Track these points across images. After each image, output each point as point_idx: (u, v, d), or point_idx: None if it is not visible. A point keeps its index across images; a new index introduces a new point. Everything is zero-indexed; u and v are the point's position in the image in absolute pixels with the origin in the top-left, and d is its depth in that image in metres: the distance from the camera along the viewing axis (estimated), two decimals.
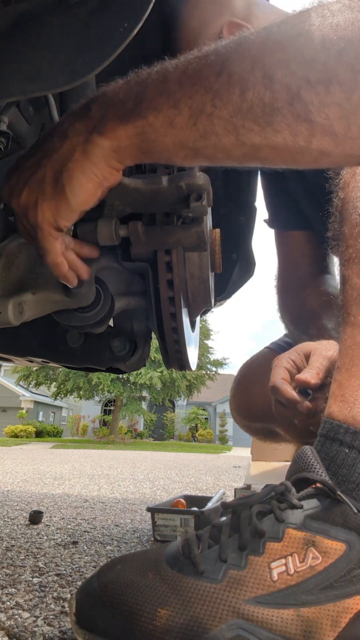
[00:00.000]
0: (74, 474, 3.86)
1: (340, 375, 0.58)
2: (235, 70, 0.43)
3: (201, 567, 0.50)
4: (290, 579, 0.48)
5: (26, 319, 0.67)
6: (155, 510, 1.29)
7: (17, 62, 0.49)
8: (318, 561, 0.49)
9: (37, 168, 0.51)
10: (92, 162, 0.50)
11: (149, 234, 0.64)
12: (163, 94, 0.46)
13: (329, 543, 0.49)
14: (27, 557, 1.05)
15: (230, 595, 0.48)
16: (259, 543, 0.50)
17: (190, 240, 0.65)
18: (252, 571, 0.49)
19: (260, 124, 0.43)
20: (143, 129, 0.47)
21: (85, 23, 0.49)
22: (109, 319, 0.74)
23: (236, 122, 0.44)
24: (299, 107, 0.42)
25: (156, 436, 27.10)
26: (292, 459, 0.57)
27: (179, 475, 4.12)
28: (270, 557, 0.50)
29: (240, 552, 0.51)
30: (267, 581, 0.49)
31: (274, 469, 1.96)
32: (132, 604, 0.49)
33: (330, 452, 0.55)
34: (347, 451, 0.54)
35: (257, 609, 0.48)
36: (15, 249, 0.67)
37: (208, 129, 0.45)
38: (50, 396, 23.62)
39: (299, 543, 0.50)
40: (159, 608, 0.48)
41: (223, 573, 0.50)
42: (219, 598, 0.48)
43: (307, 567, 0.49)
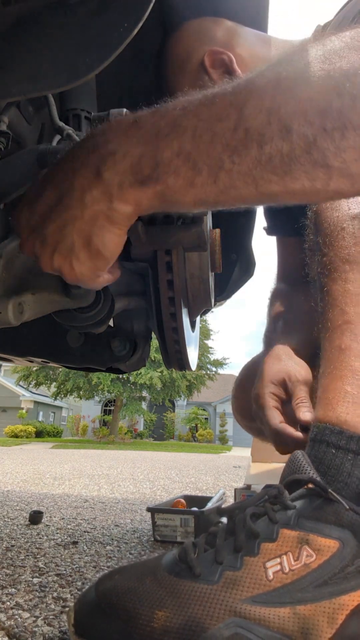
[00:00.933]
0: (74, 474, 3.86)
1: (324, 379, 0.60)
2: (252, 125, 0.43)
3: (197, 570, 0.51)
4: (286, 577, 0.49)
5: (26, 319, 0.67)
6: (155, 511, 1.29)
7: (17, 62, 0.49)
8: (312, 559, 0.49)
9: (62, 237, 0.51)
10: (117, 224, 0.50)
11: (149, 234, 0.64)
12: (179, 156, 0.45)
13: (322, 541, 0.50)
14: (27, 557, 1.05)
15: (227, 595, 0.49)
16: (253, 544, 0.51)
17: (190, 240, 0.65)
18: (247, 571, 0.50)
19: (279, 174, 0.44)
20: (163, 192, 0.47)
21: (85, 23, 0.49)
22: (109, 319, 0.74)
23: (255, 174, 0.44)
24: (316, 155, 0.42)
25: (156, 436, 27.10)
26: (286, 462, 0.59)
27: (179, 475, 4.12)
28: (265, 557, 0.50)
29: (235, 554, 0.51)
30: (262, 580, 0.49)
31: (274, 469, 1.96)
32: (130, 609, 0.50)
33: (319, 454, 0.56)
34: (334, 452, 0.55)
35: (254, 608, 0.48)
36: (15, 249, 0.67)
37: (228, 184, 0.45)
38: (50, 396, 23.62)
39: (293, 542, 0.50)
40: (156, 610, 0.49)
41: (219, 574, 0.50)
42: (215, 598, 0.49)
43: (301, 565, 0.49)
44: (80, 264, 0.51)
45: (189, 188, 0.46)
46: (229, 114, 0.44)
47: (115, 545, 1.22)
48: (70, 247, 0.51)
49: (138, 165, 0.46)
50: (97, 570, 0.97)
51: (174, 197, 0.47)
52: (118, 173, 0.47)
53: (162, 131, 0.46)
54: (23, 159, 0.67)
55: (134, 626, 0.48)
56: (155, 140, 0.46)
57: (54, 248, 0.51)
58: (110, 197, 0.48)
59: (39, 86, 0.49)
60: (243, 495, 1.66)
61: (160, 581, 0.52)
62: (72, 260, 0.51)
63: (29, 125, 0.72)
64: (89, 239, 0.50)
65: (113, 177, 0.47)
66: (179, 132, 0.45)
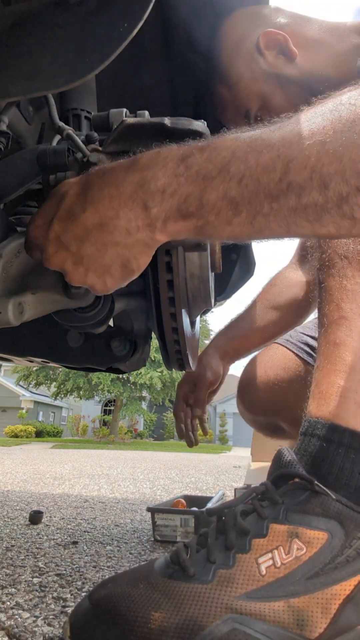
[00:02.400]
0: (74, 474, 3.86)
1: (318, 373, 0.61)
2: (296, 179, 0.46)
3: (191, 570, 0.51)
4: (278, 571, 0.50)
5: (26, 319, 0.67)
6: (156, 510, 1.29)
7: (17, 62, 0.49)
8: (303, 551, 0.50)
9: (100, 259, 0.53)
10: (153, 249, 0.54)
11: None
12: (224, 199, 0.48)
13: (311, 533, 0.51)
14: (27, 557, 1.05)
15: (222, 593, 0.49)
16: (244, 541, 0.52)
17: (190, 240, 0.65)
18: (240, 568, 0.51)
19: (310, 221, 0.47)
20: (202, 227, 0.50)
21: (85, 23, 0.49)
22: (109, 319, 0.74)
23: (289, 220, 0.47)
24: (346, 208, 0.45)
25: (156, 436, 27.10)
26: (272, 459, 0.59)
27: (179, 475, 4.12)
28: (257, 553, 0.51)
29: (227, 552, 0.52)
30: (256, 576, 0.50)
31: None
32: (126, 613, 0.50)
33: (309, 448, 0.56)
34: (325, 445, 0.55)
35: (249, 604, 0.49)
36: (15, 249, 0.67)
37: (263, 226, 0.48)
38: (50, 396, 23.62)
39: (283, 536, 0.51)
40: (152, 612, 0.49)
41: (212, 573, 0.51)
42: (210, 597, 0.49)
43: (292, 558, 0.50)
44: (114, 280, 0.55)
45: (227, 226, 0.49)
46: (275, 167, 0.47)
47: (115, 545, 1.22)
48: (106, 268, 0.54)
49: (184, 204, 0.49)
50: (97, 570, 0.97)
51: (211, 232, 0.50)
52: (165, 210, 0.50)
53: (210, 174, 0.49)
54: (23, 159, 0.67)
55: (131, 630, 0.49)
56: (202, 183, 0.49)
57: (88, 267, 0.54)
58: (153, 229, 0.51)
59: (38, 86, 0.49)
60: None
61: (154, 584, 0.52)
62: (106, 279, 0.54)
63: (29, 125, 0.72)
64: (127, 261, 0.53)
65: (160, 213, 0.50)
66: (226, 177, 0.48)
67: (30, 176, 0.66)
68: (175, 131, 0.59)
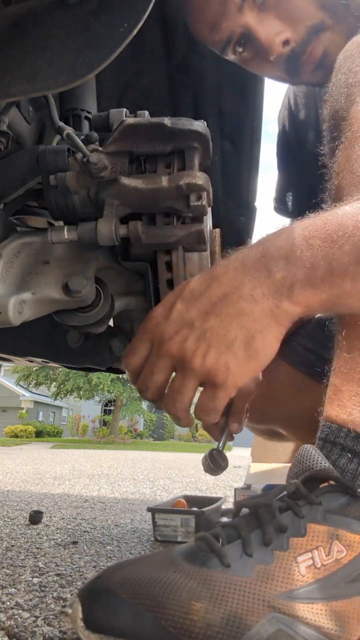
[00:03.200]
0: (74, 474, 3.86)
1: (337, 378, 0.57)
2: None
3: (227, 559, 0.49)
4: (318, 572, 0.48)
5: (26, 319, 0.67)
6: (156, 511, 1.29)
7: (17, 62, 0.49)
8: (343, 554, 0.49)
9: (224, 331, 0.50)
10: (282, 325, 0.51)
11: (149, 234, 0.64)
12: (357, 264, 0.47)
13: (352, 536, 0.49)
14: (27, 557, 1.05)
15: (263, 589, 0.47)
16: (282, 538, 0.50)
17: (190, 240, 0.65)
18: (280, 566, 0.49)
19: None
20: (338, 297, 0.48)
21: (85, 23, 0.49)
22: (109, 319, 0.74)
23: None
24: None
25: (156, 436, 27.10)
26: (294, 458, 0.57)
27: (179, 475, 4.11)
28: (296, 552, 0.49)
29: (264, 547, 0.50)
30: (296, 575, 0.48)
31: (274, 469, 1.96)
32: (161, 598, 0.46)
33: (332, 456, 0.54)
34: (350, 456, 0.53)
35: (291, 603, 0.47)
36: (16, 249, 0.67)
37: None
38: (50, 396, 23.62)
39: (323, 536, 0.50)
40: (193, 601, 0.46)
41: (251, 567, 0.48)
42: (252, 592, 0.47)
43: (333, 560, 0.49)
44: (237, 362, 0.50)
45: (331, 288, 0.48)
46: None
47: (115, 545, 1.22)
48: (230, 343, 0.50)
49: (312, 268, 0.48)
50: (97, 570, 0.97)
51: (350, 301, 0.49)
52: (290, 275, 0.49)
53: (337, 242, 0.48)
54: (23, 159, 0.67)
55: (170, 619, 0.45)
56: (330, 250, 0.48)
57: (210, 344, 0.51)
58: (280, 296, 0.49)
59: (38, 86, 0.49)
60: (243, 496, 1.66)
61: (185, 570, 0.48)
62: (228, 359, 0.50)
63: (29, 125, 0.72)
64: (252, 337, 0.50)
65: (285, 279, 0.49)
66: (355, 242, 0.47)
67: (30, 176, 0.66)
68: (175, 131, 0.59)
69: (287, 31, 0.83)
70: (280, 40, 0.83)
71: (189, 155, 0.63)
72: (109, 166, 0.64)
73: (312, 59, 0.84)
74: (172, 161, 0.64)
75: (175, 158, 0.64)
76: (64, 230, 0.65)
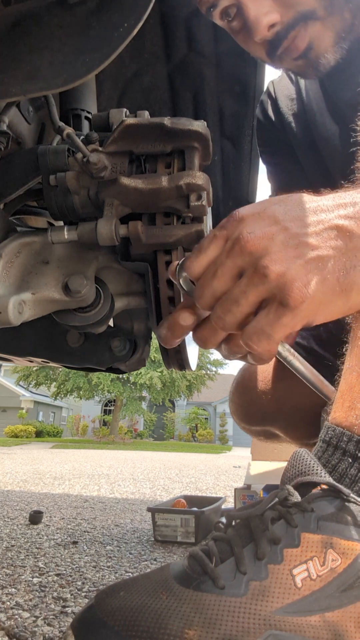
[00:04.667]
0: (74, 474, 3.86)
1: (350, 376, 0.54)
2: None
3: (220, 581, 0.47)
4: (314, 584, 0.47)
5: (26, 319, 0.67)
6: (156, 511, 1.29)
7: (17, 62, 0.49)
8: (338, 563, 0.48)
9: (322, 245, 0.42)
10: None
11: (149, 234, 0.64)
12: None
13: (345, 543, 0.49)
14: (27, 557, 1.05)
15: (258, 607, 0.46)
16: (275, 550, 0.49)
17: (190, 240, 0.65)
18: (274, 580, 0.47)
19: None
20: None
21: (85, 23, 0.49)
22: (109, 319, 0.74)
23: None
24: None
25: (156, 436, 27.10)
26: (288, 462, 0.56)
27: (179, 475, 4.11)
28: (291, 564, 0.48)
29: (258, 562, 0.49)
30: (291, 589, 0.47)
31: (274, 469, 1.96)
32: (153, 628, 0.45)
33: (332, 460, 0.53)
34: (350, 461, 0.52)
35: (287, 619, 0.46)
36: (16, 248, 0.67)
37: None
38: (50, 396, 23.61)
39: (317, 546, 0.48)
40: (185, 629, 0.45)
41: (245, 585, 0.47)
42: (247, 611, 0.46)
43: (328, 570, 0.48)
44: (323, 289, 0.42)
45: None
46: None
47: (115, 545, 1.22)
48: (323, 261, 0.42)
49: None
50: (97, 570, 0.97)
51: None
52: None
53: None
54: (23, 159, 0.67)
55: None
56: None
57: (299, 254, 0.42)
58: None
59: (38, 86, 0.49)
60: (243, 496, 1.66)
61: (178, 595, 0.47)
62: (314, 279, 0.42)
63: (29, 125, 0.72)
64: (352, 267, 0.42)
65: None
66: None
67: (30, 176, 0.66)
68: (175, 131, 0.59)
69: (276, 12, 0.78)
70: (267, 23, 0.78)
71: (189, 155, 0.63)
72: (109, 166, 0.64)
73: (295, 47, 0.80)
74: (172, 161, 0.64)
75: (175, 158, 0.64)
76: (64, 230, 0.65)
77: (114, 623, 0.46)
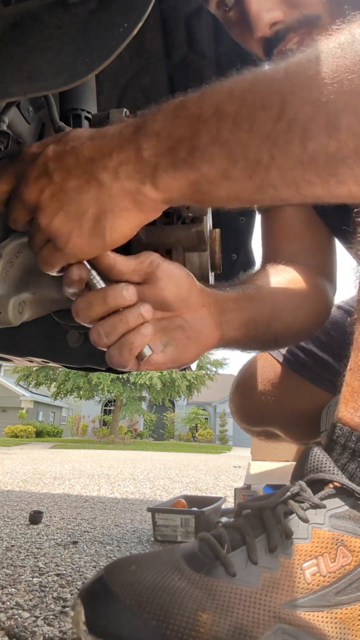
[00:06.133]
0: (74, 474, 3.86)
1: (353, 378, 0.54)
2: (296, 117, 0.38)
3: (232, 569, 0.47)
4: (324, 579, 0.47)
5: (26, 319, 0.67)
6: (156, 511, 1.29)
7: (17, 62, 0.49)
8: (348, 560, 0.48)
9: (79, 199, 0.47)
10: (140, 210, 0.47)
11: (149, 234, 0.64)
12: (216, 142, 0.42)
13: (356, 542, 0.49)
14: (27, 557, 1.05)
15: (268, 599, 0.46)
16: (287, 544, 0.49)
17: (190, 240, 0.65)
18: (285, 573, 0.47)
19: (322, 177, 0.39)
20: (196, 181, 0.44)
21: (85, 23, 0.49)
22: None
23: (296, 175, 0.40)
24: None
25: (156, 436, 27.10)
26: (298, 458, 0.56)
27: (179, 475, 4.11)
28: (301, 558, 0.48)
29: (270, 554, 0.49)
30: (301, 583, 0.47)
31: (274, 469, 1.96)
32: (167, 607, 0.45)
33: (341, 460, 0.53)
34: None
35: (296, 613, 0.46)
36: (15, 249, 0.67)
37: (265, 182, 0.41)
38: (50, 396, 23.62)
39: (329, 542, 0.49)
40: (199, 613, 0.44)
41: (256, 576, 0.47)
42: (258, 602, 0.46)
43: (338, 566, 0.48)
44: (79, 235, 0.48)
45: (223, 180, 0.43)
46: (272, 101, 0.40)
47: (115, 545, 1.22)
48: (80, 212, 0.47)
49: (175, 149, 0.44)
50: (97, 570, 0.97)
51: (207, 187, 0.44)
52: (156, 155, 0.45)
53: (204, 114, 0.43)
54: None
55: (174, 628, 0.44)
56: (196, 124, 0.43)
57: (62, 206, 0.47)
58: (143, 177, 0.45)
59: (38, 86, 0.49)
60: (243, 496, 1.66)
61: (190, 578, 0.47)
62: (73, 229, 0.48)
63: (29, 125, 0.72)
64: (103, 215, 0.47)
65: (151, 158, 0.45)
66: (221, 117, 0.42)
67: None
68: None
69: (280, 10, 0.73)
70: (269, 20, 0.74)
71: None
72: None
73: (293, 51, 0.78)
74: None
75: None
76: None
77: (125, 598, 0.46)
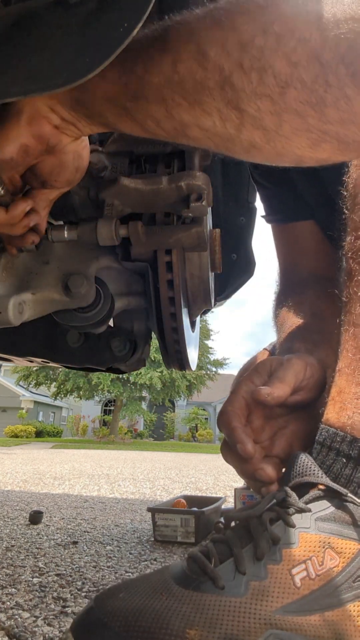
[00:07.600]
0: (74, 474, 3.86)
1: (340, 379, 0.55)
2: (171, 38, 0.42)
3: (220, 582, 0.47)
4: (313, 583, 0.48)
5: (26, 319, 0.67)
6: (156, 511, 1.29)
7: (17, 62, 0.49)
8: (336, 562, 0.48)
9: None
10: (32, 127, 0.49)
11: (149, 234, 0.65)
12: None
13: (343, 543, 0.49)
14: (27, 557, 1.05)
15: (258, 607, 0.46)
16: (274, 550, 0.49)
17: (190, 240, 0.65)
18: (274, 580, 0.48)
19: (189, 101, 0.41)
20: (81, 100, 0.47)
21: (85, 23, 0.49)
22: (109, 319, 0.74)
23: (165, 93, 0.42)
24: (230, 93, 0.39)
25: (156, 436, 27.10)
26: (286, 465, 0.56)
27: (179, 475, 4.11)
28: (290, 564, 0.48)
29: (258, 562, 0.49)
30: (291, 589, 0.47)
31: None
32: (154, 628, 0.44)
33: (327, 461, 0.53)
34: (345, 461, 0.52)
35: (287, 618, 0.46)
36: None
37: (138, 92, 0.44)
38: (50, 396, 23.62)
39: (316, 546, 0.49)
40: (187, 629, 0.44)
41: (245, 586, 0.48)
42: (247, 611, 0.46)
43: (326, 569, 0.48)
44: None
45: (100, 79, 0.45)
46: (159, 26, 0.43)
47: (115, 545, 1.22)
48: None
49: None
50: (97, 570, 0.97)
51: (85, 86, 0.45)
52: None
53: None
54: None
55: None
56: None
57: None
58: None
59: (38, 86, 0.49)
60: (243, 496, 1.66)
61: (178, 596, 0.47)
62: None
63: None
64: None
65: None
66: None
67: None
68: None
69: None
70: None
71: (189, 156, 0.63)
72: (109, 166, 0.64)
73: None
74: (172, 161, 0.64)
75: (175, 158, 0.64)
76: (64, 229, 0.65)
77: (114, 624, 0.46)
